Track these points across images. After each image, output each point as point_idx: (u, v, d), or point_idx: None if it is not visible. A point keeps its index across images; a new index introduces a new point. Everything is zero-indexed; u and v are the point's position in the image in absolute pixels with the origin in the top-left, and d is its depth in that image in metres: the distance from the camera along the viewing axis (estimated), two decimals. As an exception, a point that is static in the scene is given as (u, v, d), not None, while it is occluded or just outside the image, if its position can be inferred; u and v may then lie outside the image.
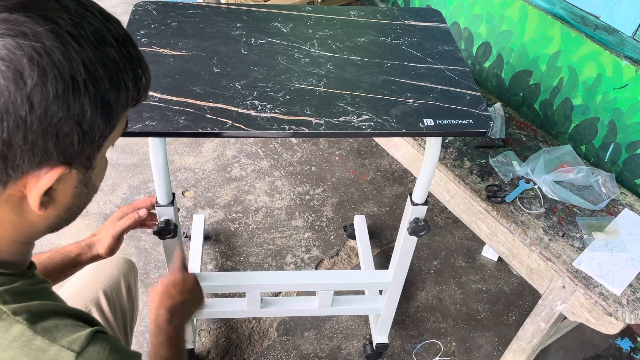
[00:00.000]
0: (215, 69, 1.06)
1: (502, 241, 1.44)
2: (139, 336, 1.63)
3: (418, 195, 1.20)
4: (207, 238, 1.93)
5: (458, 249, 1.99)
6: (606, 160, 1.58)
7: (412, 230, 1.24)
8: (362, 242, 1.85)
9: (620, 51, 1.48)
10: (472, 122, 1.00)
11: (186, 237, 1.88)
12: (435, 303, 1.82)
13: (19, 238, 0.58)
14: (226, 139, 2.31)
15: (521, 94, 1.80)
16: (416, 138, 1.62)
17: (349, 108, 1.00)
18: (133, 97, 0.55)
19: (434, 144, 1.10)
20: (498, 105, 1.72)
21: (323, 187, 2.15)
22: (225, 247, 1.91)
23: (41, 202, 0.53)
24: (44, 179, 0.51)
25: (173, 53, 1.09)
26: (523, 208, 1.42)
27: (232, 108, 0.97)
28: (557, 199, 1.44)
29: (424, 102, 1.03)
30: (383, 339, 1.60)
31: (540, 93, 1.73)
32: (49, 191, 0.53)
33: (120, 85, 0.52)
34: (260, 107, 0.98)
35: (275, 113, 0.97)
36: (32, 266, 0.64)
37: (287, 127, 0.95)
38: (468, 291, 1.86)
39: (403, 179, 2.22)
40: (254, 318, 1.72)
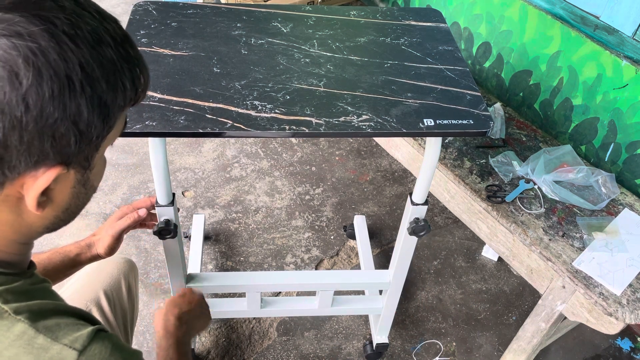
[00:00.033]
0: (215, 69, 1.06)
1: (502, 241, 1.44)
2: (139, 336, 1.63)
3: (418, 195, 1.20)
4: (207, 238, 1.93)
5: (458, 249, 1.99)
6: (606, 160, 1.58)
7: (412, 230, 1.24)
8: (362, 242, 1.85)
9: (620, 51, 1.47)
10: (472, 122, 1.00)
11: (186, 237, 1.88)
12: (435, 303, 1.82)
13: (18, 238, 0.58)
14: (226, 139, 2.31)
15: (521, 94, 1.80)
16: (416, 138, 1.62)
17: (349, 108, 1.00)
18: (131, 97, 0.55)
19: (434, 144, 1.10)
20: (498, 105, 1.72)
21: (323, 187, 2.15)
22: (225, 247, 1.91)
23: (38, 203, 0.53)
24: (41, 180, 0.51)
25: (173, 53, 1.09)
26: (523, 208, 1.42)
27: (232, 108, 0.97)
28: (557, 199, 1.44)
29: (424, 102, 1.03)
30: (383, 339, 1.60)
31: (540, 93, 1.73)
32: (47, 191, 0.53)
33: (117, 85, 0.52)
34: (260, 107, 0.98)
35: (275, 113, 0.97)
36: (32, 266, 0.64)
37: (287, 127, 0.95)
38: (468, 291, 1.86)
39: (403, 179, 2.22)
40: (254, 318, 1.72)
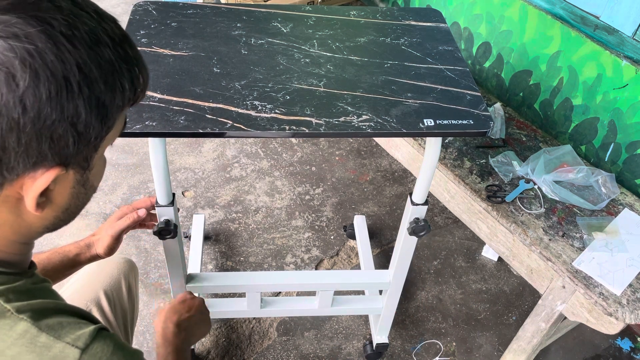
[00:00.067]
0: (215, 69, 1.06)
1: (502, 241, 1.44)
2: (139, 336, 1.63)
3: (418, 195, 1.20)
4: (207, 238, 1.93)
5: (458, 249, 1.99)
6: (606, 160, 1.58)
7: (412, 230, 1.24)
8: (362, 242, 1.85)
9: (620, 51, 1.47)
10: (472, 122, 1.00)
11: (186, 237, 1.88)
12: (435, 303, 1.82)
13: (17, 238, 0.58)
14: (226, 139, 2.31)
15: (521, 94, 1.80)
16: (416, 138, 1.62)
17: (349, 108, 1.00)
18: (130, 97, 0.54)
19: (434, 144, 1.10)
20: (498, 105, 1.72)
21: (323, 187, 2.15)
22: (225, 247, 1.91)
23: (38, 203, 0.53)
24: (40, 181, 0.51)
25: (173, 53, 1.09)
26: (523, 208, 1.42)
27: (232, 108, 0.97)
28: (557, 199, 1.44)
29: (424, 102, 1.03)
30: (383, 339, 1.60)
31: (540, 93, 1.73)
32: (46, 192, 0.53)
33: (115, 85, 0.52)
34: (260, 108, 0.98)
35: (275, 113, 0.97)
36: (33, 266, 0.64)
37: (287, 128, 0.95)
38: (468, 291, 1.86)
39: (403, 179, 2.22)
40: (254, 318, 1.72)
